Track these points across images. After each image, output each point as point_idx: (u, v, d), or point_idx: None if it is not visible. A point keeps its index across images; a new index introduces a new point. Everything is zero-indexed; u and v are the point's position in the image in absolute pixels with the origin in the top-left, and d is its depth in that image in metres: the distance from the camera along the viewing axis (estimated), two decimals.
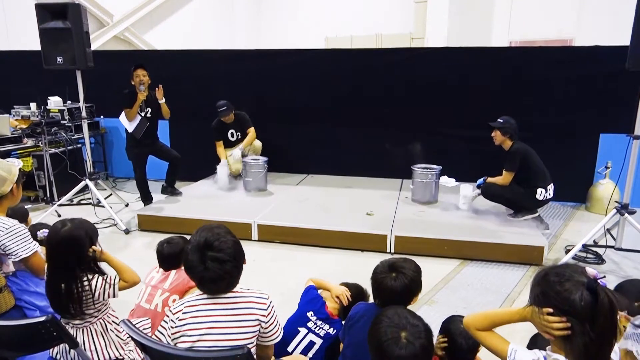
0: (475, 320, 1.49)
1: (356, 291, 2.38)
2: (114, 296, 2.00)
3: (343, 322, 2.18)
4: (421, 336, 1.41)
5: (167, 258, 2.45)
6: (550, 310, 1.26)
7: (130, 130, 4.72)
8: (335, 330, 2.13)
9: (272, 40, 12.37)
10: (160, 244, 2.51)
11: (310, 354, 2.07)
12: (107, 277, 1.99)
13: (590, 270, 1.28)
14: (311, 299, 2.27)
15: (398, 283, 1.78)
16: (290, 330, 2.15)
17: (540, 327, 1.30)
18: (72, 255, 1.89)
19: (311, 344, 2.10)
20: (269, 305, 1.63)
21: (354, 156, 6.06)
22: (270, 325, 1.64)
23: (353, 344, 1.82)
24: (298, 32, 12.28)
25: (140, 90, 4.59)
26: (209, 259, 1.55)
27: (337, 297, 2.30)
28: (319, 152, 6.19)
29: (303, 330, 2.13)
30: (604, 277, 1.30)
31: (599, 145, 5.19)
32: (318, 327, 2.13)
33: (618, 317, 1.23)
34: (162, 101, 4.78)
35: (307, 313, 2.18)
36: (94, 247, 1.98)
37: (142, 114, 4.76)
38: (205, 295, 1.63)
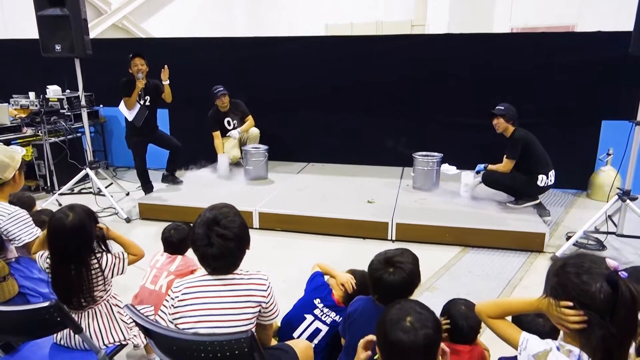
0: (487, 308, 1.47)
1: (362, 279, 2.33)
2: (122, 272, 2.01)
3: (346, 309, 2.19)
4: (427, 325, 1.30)
5: (175, 244, 2.51)
6: (570, 304, 1.21)
7: (130, 118, 4.70)
8: (341, 318, 2.13)
9: (272, 28, 12.25)
10: (167, 231, 2.57)
11: (315, 341, 2.08)
12: (116, 253, 2.00)
13: (611, 261, 1.22)
14: (318, 286, 2.27)
15: (397, 277, 1.72)
16: (297, 316, 2.16)
17: (555, 319, 1.27)
18: (83, 242, 1.88)
19: (317, 330, 2.11)
20: (268, 286, 1.65)
21: (354, 144, 6.04)
22: (270, 305, 1.66)
23: (355, 343, 1.80)
24: (298, 19, 12.16)
25: (138, 78, 4.57)
26: (214, 234, 1.57)
27: (342, 285, 2.29)
28: (320, 140, 6.17)
29: (309, 317, 2.13)
30: (626, 269, 1.25)
31: (601, 132, 5.17)
32: (325, 315, 2.14)
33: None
34: (167, 82, 4.73)
35: (314, 300, 2.19)
36: (99, 225, 1.97)
37: (141, 102, 4.73)
38: (206, 277, 1.64)
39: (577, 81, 5.10)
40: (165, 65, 4.67)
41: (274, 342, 1.93)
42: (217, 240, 1.57)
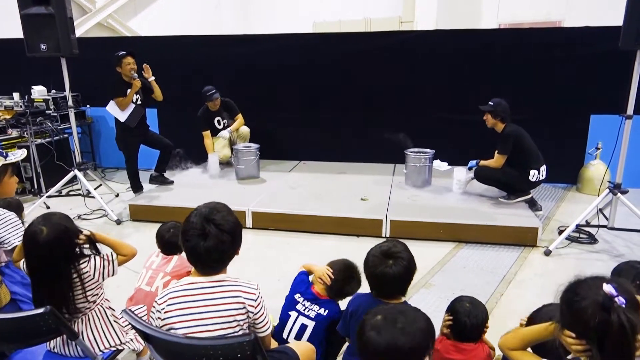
0: (507, 341, 1.54)
1: (341, 267, 2.26)
2: (113, 274, 1.94)
3: (334, 302, 2.15)
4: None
5: (172, 244, 2.44)
6: (572, 334, 1.23)
7: (122, 119, 4.61)
8: (326, 310, 2.07)
9: (260, 26, 12.17)
10: (163, 231, 2.50)
11: (304, 338, 2.03)
12: (104, 255, 1.92)
13: (607, 287, 1.20)
14: (298, 282, 2.25)
15: (400, 268, 1.73)
16: (284, 315, 2.14)
17: (565, 345, 1.29)
18: (60, 256, 1.77)
19: (303, 327, 2.06)
20: (258, 296, 1.58)
21: (345, 142, 6.02)
22: (260, 316, 1.59)
23: None
24: (285, 17, 12.09)
25: (135, 78, 4.50)
26: (211, 224, 1.53)
27: (320, 278, 2.23)
28: (310, 139, 6.14)
29: (293, 314, 2.10)
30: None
31: (590, 126, 5.22)
32: (307, 309, 2.09)
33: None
34: (152, 79, 4.68)
35: (295, 296, 2.16)
36: (83, 232, 1.88)
37: (134, 102, 4.66)
38: (190, 285, 1.57)
39: (566, 76, 5.13)
40: (145, 64, 4.62)
41: (274, 344, 1.91)
42: (214, 230, 1.52)
